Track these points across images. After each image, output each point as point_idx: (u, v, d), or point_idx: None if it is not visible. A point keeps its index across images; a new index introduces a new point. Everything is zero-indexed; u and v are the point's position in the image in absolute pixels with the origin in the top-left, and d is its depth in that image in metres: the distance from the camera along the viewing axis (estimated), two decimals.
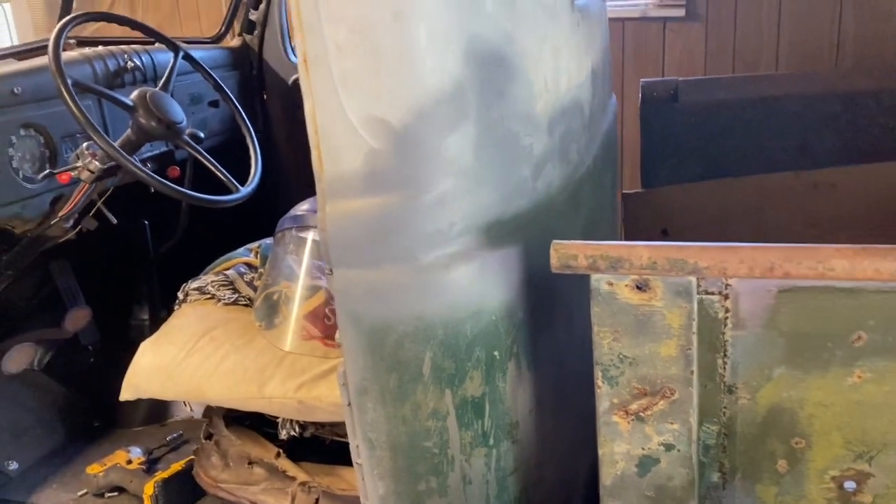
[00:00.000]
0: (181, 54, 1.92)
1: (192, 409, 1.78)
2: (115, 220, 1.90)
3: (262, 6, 2.57)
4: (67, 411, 2.07)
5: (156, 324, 2.20)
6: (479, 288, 1.06)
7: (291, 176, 2.58)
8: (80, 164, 1.64)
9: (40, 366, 2.02)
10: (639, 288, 0.95)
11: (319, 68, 0.98)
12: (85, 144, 1.65)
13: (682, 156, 2.52)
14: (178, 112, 1.70)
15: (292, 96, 2.67)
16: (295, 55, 2.66)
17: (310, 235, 1.55)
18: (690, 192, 2.51)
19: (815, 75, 2.47)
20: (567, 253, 0.94)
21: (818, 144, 2.43)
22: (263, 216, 2.20)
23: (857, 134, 2.40)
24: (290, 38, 2.64)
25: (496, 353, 1.09)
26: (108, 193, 1.85)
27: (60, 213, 1.72)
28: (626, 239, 2.55)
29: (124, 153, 1.56)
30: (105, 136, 1.55)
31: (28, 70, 1.76)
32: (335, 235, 1.03)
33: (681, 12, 3.35)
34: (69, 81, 1.53)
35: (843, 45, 3.18)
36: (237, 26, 2.70)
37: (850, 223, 2.44)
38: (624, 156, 3.36)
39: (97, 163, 1.63)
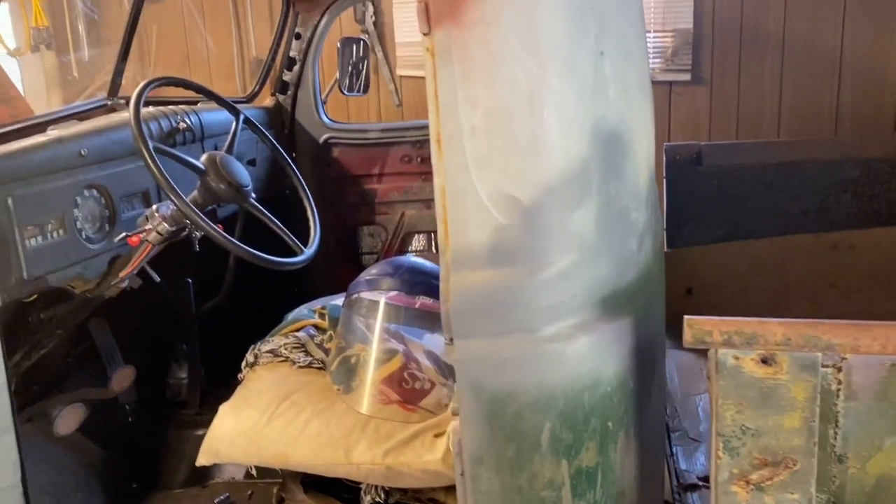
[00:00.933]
0: (242, 118, 1.96)
1: (253, 471, 1.75)
2: (158, 279, 1.90)
3: (297, 68, 2.62)
4: (106, 472, 2.03)
5: (194, 383, 2.19)
6: (597, 359, 1.09)
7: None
8: (149, 226, 1.65)
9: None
10: (764, 362, 0.99)
11: (453, 147, 1.02)
12: (155, 207, 1.66)
13: (706, 217, 2.60)
14: (245, 175, 1.73)
15: (322, 156, 2.71)
16: (327, 116, 2.72)
17: (382, 299, 1.57)
18: (714, 252, 2.59)
19: (834, 142, 2.59)
20: (702, 329, 0.97)
21: (837, 207, 2.53)
22: (296, 276, 2.21)
23: (873, 198, 2.51)
24: (322, 100, 2.69)
25: (610, 423, 1.11)
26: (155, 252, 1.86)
27: (121, 274, 1.72)
28: None
29: (203, 217, 1.57)
30: (185, 199, 1.56)
31: (93, 131, 1.77)
32: (458, 306, 1.06)
33: (686, 76, 3.48)
34: (151, 146, 1.55)
35: (842, 110, 3.34)
36: (269, 86, 2.75)
37: (868, 283, 2.53)
38: None
39: (166, 225, 1.64)
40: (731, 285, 2.61)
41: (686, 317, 1.00)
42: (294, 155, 2.72)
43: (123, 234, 1.66)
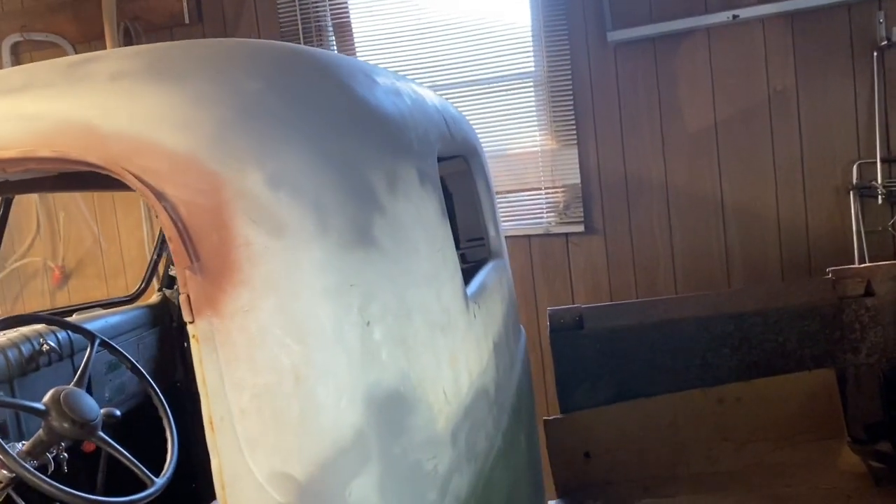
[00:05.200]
0: (97, 342, 1.96)
1: None
2: None
3: None
4: None
5: None
6: None
7: None
8: None
9: None
10: None
11: (224, 430, 1.03)
12: None
13: (595, 379, 2.63)
14: (91, 409, 1.71)
15: None
16: None
17: None
18: (607, 414, 2.61)
19: (706, 297, 2.67)
20: None
21: (718, 361, 2.59)
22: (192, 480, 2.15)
23: (750, 350, 2.58)
24: None
25: None
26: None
27: None
28: (551, 464, 2.59)
29: (28, 467, 1.54)
30: (9, 450, 1.53)
31: None
32: None
33: (580, 227, 3.61)
34: None
35: (731, 250, 3.47)
36: (156, 282, 2.77)
37: (758, 434, 2.56)
38: (546, 378, 3.48)
39: (5, 472, 1.59)
40: (627, 446, 2.61)
41: None
42: (187, 345, 2.71)
43: None
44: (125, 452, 1.74)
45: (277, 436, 1.03)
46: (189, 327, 1.05)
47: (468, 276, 1.83)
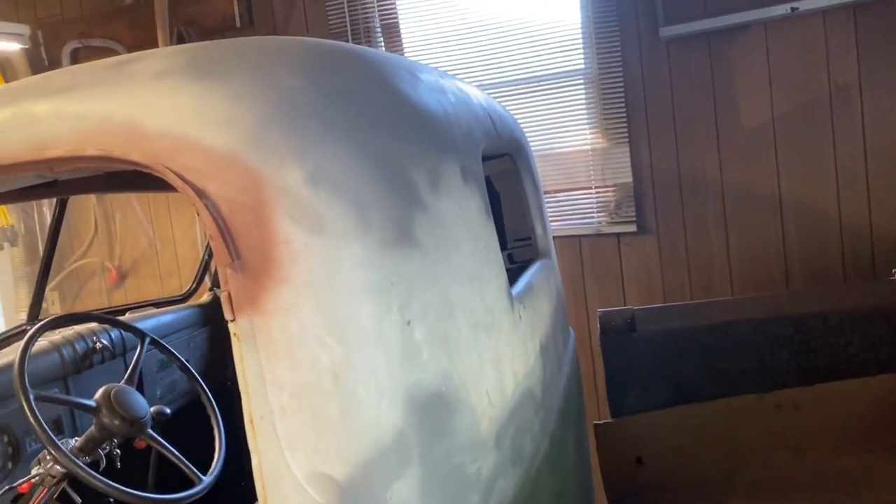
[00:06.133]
0: (148, 340, 1.99)
1: None
2: (79, 500, 1.87)
3: None
4: None
5: None
6: None
7: None
8: (41, 469, 1.63)
9: None
10: None
11: (265, 429, 1.02)
12: (45, 451, 1.66)
13: (647, 383, 2.57)
14: (141, 406, 1.73)
15: None
16: None
17: None
18: (659, 418, 2.54)
19: (764, 299, 2.58)
20: None
21: (776, 365, 2.50)
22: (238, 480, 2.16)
23: (810, 354, 2.48)
24: None
25: None
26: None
27: None
28: (602, 469, 2.53)
29: (79, 463, 1.56)
30: (61, 447, 1.56)
31: None
32: None
33: (632, 227, 3.54)
34: (31, 396, 1.56)
35: (790, 250, 3.36)
36: (208, 280, 2.81)
37: (819, 441, 2.46)
38: (596, 381, 3.42)
39: (59, 468, 1.63)
40: (681, 451, 2.54)
41: None
42: None
43: (6, 487, 1.64)
44: (173, 450, 1.76)
45: (317, 435, 1.02)
46: (230, 325, 1.04)
47: (515, 276, 1.80)
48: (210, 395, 1.97)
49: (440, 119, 1.31)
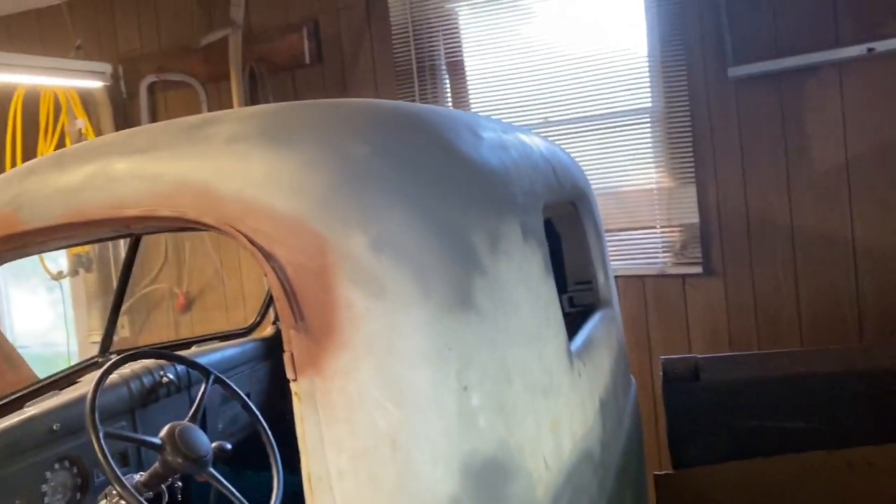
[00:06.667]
0: (212, 378, 2.03)
1: None
2: None
3: None
4: None
5: None
6: None
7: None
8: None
9: None
10: None
11: (322, 489, 1.04)
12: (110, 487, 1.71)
13: (710, 434, 2.49)
14: (204, 445, 1.77)
15: None
16: None
17: None
18: (723, 472, 2.46)
19: (836, 352, 2.49)
20: None
21: (847, 422, 2.40)
22: None
23: (886, 412, 2.37)
24: None
25: None
26: None
27: None
28: None
29: (143, 501, 1.60)
30: (127, 484, 1.60)
31: (67, 404, 1.87)
32: None
33: (698, 269, 3.46)
34: (101, 434, 1.61)
35: (864, 296, 3.23)
36: (272, 313, 2.86)
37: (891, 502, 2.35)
38: (658, 428, 3.34)
39: (124, 503, 1.67)
40: None
41: None
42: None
43: None
44: (232, 489, 1.79)
45: (374, 500, 1.03)
46: (292, 384, 1.06)
47: (575, 323, 1.78)
48: (270, 435, 2.00)
49: (501, 178, 1.32)
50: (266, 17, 4.11)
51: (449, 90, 3.89)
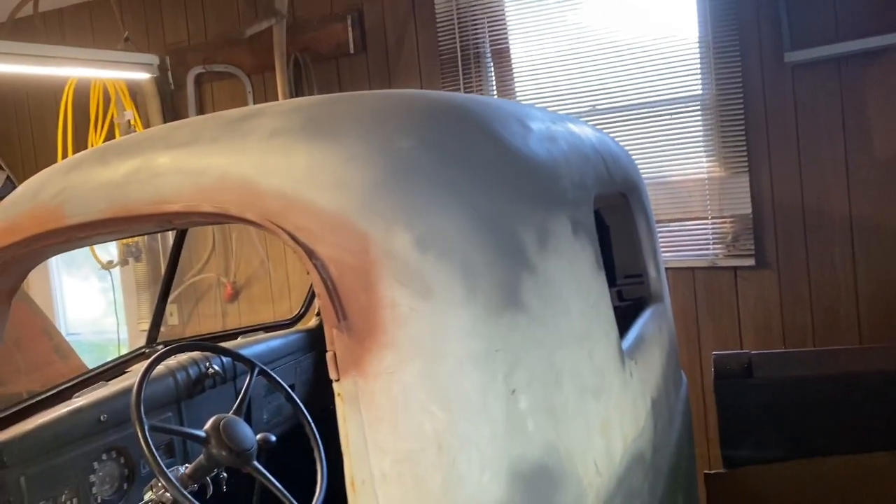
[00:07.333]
0: (257, 370, 2.03)
1: None
2: None
3: None
4: None
5: None
6: None
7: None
8: (153, 496, 1.69)
9: None
10: None
11: (365, 493, 1.01)
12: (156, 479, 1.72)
13: (763, 433, 2.42)
14: (248, 438, 1.76)
15: None
16: None
17: None
18: (776, 472, 2.38)
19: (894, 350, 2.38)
20: None
21: None
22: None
23: None
24: None
25: None
26: None
27: None
28: None
29: (187, 495, 1.61)
30: (171, 477, 1.60)
31: (115, 395, 1.88)
32: None
33: (750, 261, 3.36)
34: (146, 427, 1.62)
35: None
36: (316, 305, 2.86)
37: None
38: (708, 426, 3.26)
39: (169, 495, 1.68)
40: None
41: None
42: None
43: None
44: (276, 482, 1.79)
45: None
46: (334, 385, 1.03)
47: (624, 318, 1.73)
48: (314, 428, 1.99)
49: (551, 171, 1.27)
50: (310, 7, 4.09)
51: (494, 79, 3.83)
